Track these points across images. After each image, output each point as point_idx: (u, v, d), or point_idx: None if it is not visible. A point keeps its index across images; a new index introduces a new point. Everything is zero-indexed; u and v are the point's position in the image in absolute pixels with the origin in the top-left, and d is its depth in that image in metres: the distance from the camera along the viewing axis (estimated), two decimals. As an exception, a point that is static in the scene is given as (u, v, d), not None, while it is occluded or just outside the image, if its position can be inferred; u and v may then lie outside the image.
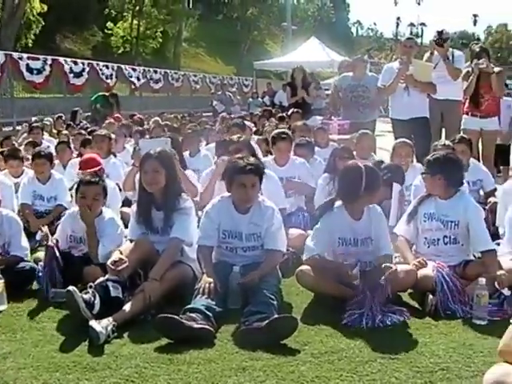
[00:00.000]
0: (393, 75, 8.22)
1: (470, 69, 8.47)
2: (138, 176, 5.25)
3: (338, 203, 4.71)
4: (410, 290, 4.74)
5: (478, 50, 8.62)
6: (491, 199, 6.49)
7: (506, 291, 4.37)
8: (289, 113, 12.02)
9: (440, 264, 4.55)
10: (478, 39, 57.35)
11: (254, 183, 4.63)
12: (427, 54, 9.24)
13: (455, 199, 4.86)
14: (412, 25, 58.35)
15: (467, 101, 8.44)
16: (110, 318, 4.01)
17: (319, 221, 4.70)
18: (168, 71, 29.32)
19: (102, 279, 4.37)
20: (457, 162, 4.99)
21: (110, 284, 4.30)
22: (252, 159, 4.82)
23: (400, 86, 8.19)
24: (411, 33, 56.48)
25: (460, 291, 4.43)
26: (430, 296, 4.42)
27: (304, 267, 4.61)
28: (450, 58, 8.87)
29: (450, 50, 8.98)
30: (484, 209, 5.89)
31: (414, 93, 8.16)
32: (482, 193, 6.80)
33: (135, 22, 41.86)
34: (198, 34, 54.78)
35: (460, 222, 4.78)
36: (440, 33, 8.69)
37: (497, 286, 4.36)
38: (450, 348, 3.82)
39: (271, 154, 7.09)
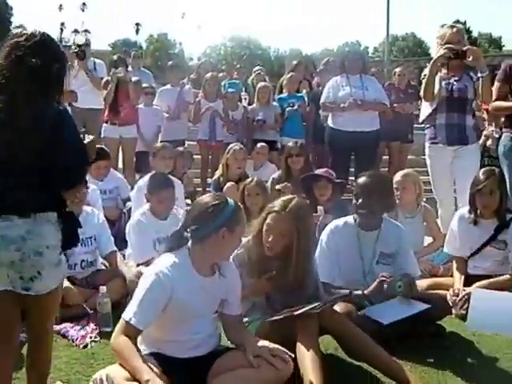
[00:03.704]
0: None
1: (109, 77, 8.59)
2: None
3: None
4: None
5: (115, 58, 8.79)
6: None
7: None
8: None
9: None
10: (141, 47, 58.92)
11: None
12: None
13: None
14: (76, 31, 57.59)
15: (107, 109, 8.50)
16: None
17: None
18: None
19: None
20: None
21: None
22: None
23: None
24: (74, 40, 55.83)
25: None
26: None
27: None
28: (92, 66, 8.88)
29: (92, 59, 8.96)
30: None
31: None
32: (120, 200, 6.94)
33: None
34: None
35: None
36: (79, 46, 8.61)
37: None
38: (73, 359, 3.86)
39: None
